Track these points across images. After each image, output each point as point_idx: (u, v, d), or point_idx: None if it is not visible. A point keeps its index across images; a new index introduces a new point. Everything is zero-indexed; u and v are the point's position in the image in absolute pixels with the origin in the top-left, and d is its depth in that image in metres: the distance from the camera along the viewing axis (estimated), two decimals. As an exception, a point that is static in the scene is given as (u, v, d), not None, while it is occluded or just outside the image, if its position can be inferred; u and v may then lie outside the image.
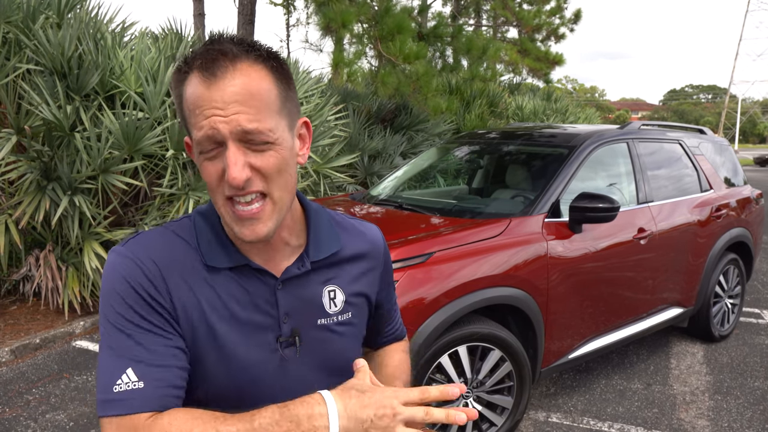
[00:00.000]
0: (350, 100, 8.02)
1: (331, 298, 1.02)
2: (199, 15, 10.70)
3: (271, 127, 0.83)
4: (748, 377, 3.72)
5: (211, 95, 0.81)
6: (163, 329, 0.88)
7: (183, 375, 0.88)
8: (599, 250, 3.14)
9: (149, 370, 0.84)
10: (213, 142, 0.82)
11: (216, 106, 0.80)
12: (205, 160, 0.85)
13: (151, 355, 0.85)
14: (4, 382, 3.55)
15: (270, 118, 0.83)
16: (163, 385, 0.84)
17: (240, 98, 0.81)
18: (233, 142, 0.82)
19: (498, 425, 2.78)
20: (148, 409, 0.82)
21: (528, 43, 10.52)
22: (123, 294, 0.87)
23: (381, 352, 1.24)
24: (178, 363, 0.88)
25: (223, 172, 0.83)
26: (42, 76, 4.41)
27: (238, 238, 0.92)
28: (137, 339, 0.86)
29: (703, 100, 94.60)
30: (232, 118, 0.80)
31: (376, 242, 1.12)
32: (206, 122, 0.81)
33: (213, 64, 0.81)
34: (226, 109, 0.80)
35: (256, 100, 0.82)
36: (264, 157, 0.84)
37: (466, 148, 4.29)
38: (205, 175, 0.86)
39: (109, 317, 0.87)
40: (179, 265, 0.92)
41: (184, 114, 0.87)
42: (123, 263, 0.89)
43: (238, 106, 0.81)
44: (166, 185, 4.70)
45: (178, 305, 0.90)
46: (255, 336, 0.95)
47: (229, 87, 0.80)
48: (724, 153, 4.60)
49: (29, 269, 4.54)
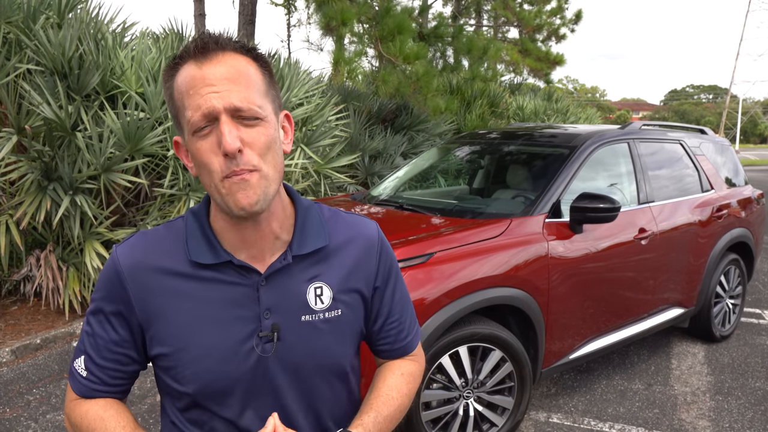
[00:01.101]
0: (351, 100, 8.02)
1: (318, 294, 1.01)
2: (200, 15, 10.71)
3: (260, 104, 0.89)
4: (749, 378, 3.72)
5: (203, 74, 0.87)
6: (116, 330, 0.98)
7: (119, 374, 1.01)
8: (600, 251, 3.14)
9: (92, 366, 0.99)
10: (207, 118, 0.87)
11: (209, 83, 0.86)
12: (199, 139, 0.89)
13: (98, 353, 0.99)
14: (5, 383, 3.55)
15: (258, 97, 0.90)
16: (96, 382, 1.00)
17: (230, 76, 0.87)
18: (226, 115, 0.86)
19: (499, 426, 2.78)
20: (81, 395, 1.01)
21: (529, 43, 10.52)
22: (99, 288, 0.99)
23: (380, 369, 1.17)
24: (116, 365, 1.00)
25: (216, 146, 0.87)
26: (43, 76, 4.41)
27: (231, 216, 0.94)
28: (95, 332, 0.99)
29: (704, 100, 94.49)
30: (225, 94, 0.86)
31: (369, 236, 1.09)
32: (201, 99, 0.86)
33: (204, 48, 0.88)
34: (219, 86, 0.86)
35: (244, 79, 0.88)
36: (253, 132, 0.89)
37: (467, 149, 4.28)
38: (200, 154, 0.89)
39: (91, 303, 1.01)
40: (162, 264, 0.97)
41: (176, 104, 0.91)
42: (109, 262, 0.99)
43: (229, 84, 0.87)
44: (167, 185, 4.70)
45: (148, 307, 0.96)
46: (235, 331, 0.96)
47: (220, 66, 0.87)
48: (725, 153, 4.59)
49: (30, 269, 4.54)
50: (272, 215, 0.98)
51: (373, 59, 8.86)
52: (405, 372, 1.14)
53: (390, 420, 1.07)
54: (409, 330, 1.16)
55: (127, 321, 0.98)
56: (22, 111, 4.32)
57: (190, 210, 1.02)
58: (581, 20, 11.31)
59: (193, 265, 0.96)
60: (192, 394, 0.97)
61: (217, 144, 0.87)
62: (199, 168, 0.91)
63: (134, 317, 0.97)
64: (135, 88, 4.75)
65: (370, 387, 1.13)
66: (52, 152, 4.34)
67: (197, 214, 1.01)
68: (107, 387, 1.01)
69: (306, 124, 6.22)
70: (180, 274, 0.96)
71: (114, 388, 1.01)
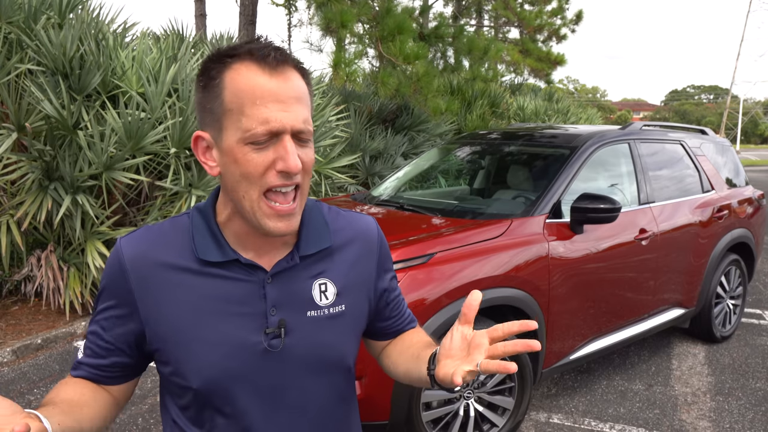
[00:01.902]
0: (351, 100, 8.02)
1: (322, 290, 1.03)
2: (201, 16, 10.71)
3: (311, 126, 0.91)
4: (749, 378, 3.72)
5: (276, 88, 0.86)
6: (117, 322, 0.98)
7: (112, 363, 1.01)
8: (600, 251, 3.14)
9: (89, 350, 1.01)
10: (269, 133, 0.86)
11: (280, 100, 0.86)
12: (253, 150, 0.87)
13: (97, 338, 1.00)
14: (6, 383, 3.56)
15: (310, 117, 0.91)
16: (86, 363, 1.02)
17: (297, 96, 0.88)
18: (289, 135, 0.87)
19: (499, 426, 2.78)
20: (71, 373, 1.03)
21: (529, 43, 10.52)
22: (106, 279, 0.99)
23: (399, 338, 1.21)
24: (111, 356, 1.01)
25: (270, 162, 0.87)
26: (44, 76, 4.42)
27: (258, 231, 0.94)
28: (96, 327, 1.00)
29: (704, 100, 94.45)
30: (293, 116, 0.87)
31: (369, 230, 1.12)
32: (270, 115, 0.85)
33: (270, 58, 0.87)
34: (288, 104, 0.86)
35: (305, 100, 0.90)
36: (306, 152, 0.91)
37: (468, 149, 4.29)
38: (250, 165, 0.87)
39: (97, 296, 1.02)
40: (167, 258, 0.97)
41: (226, 104, 0.87)
42: (112, 254, 0.99)
43: (297, 104, 0.87)
44: (169, 184, 4.70)
45: (152, 300, 0.96)
46: (241, 327, 0.97)
47: (289, 83, 0.87)
48: (726, 153, 4.59)
49: (31, 269, 4.55)
50: None
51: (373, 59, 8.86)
52: (420, 330, 1.24)
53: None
54: (407, 309, 1.25)
55: (127, 313, 0.97)
56: (22, 109, 4.33)
57: (196, 207, 1.03)
58: (582, 20, 11.31)
59: (199, 262, 0.97)
60: (195, 389, 0.97)
61: (273, 160, 0.87)
62: (238, 176, 0.89)
63: (136, 310, 0.97)
64: (136, 88, 4.76)
65: (406, 345, 1.17)
66: (53, 151, 4.34)
67: (203, 212, 1.01)
68: (95, 370, 1.01)
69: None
70: (185, 269, 0.97)
71: (102, 372, 1.02)
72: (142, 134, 4.44)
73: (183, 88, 4.90)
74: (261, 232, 0.94)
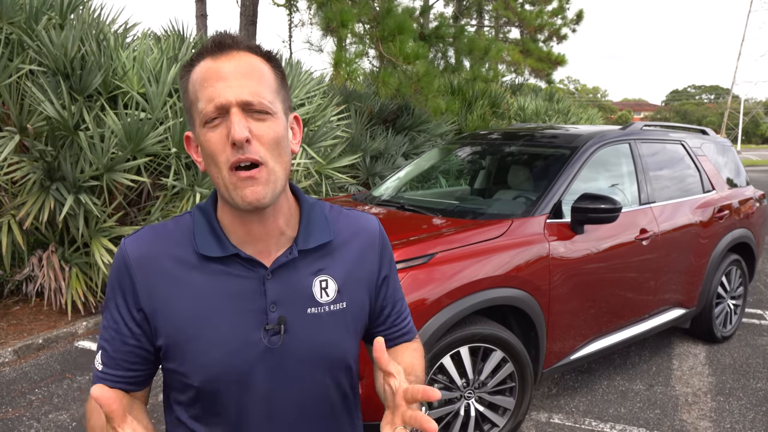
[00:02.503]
0: (352, 100, 8.02)
1: (323, 287, 1.03)
2: (202, 16, 10.72)
3: (270, 99, 0.93)
4: (750, 378, 3.72)
5: (218, 67, 0.90)
6: (127, 322, 0.99)
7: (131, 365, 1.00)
8: (601, 251, 3.14)
9: (107, 358, 1.00)
10: (219, 110, 0.89)
11: (223, 77, 0.90)
12: (209, 130, 0.91)
13: (111, 345, 1.00)
14: (7, 383, 3.56)
15: (268, 94, 0.93)
16: (109, 374, 1.00)
17: (243, 71, 0.91)
18: (237, 108, 0.89)
19: (500, 426, 2.78)
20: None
21: (530, 43, 10.52)
22: (111, 282, 1.00)
23: (391, 352, 1.18)
24: (129, 357, 1.00)
25: (226, 137, 0.90)
26: (45, 77, 4.42)
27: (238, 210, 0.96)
28: (109, 326, 1.00)
29: (705, 100, 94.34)
30: (237, 89, 0.89)
31: (371, 229, 1.12)
32: (214, 92, 0.89)
33: (221, 45, 0.92)
34: (231, 80, 0.89)
35: (257, 75, 0.92)
36: (263, 126, 0.91)
37: (468, 149, 4.29)
38: (209, 145, 0.91)
39: (105, 299, 1.02)
40: (169, 256, 0.99)
41: (189, 97, 0.94)
42: (117, 255, 1.01)
43: (242, 79, 0.90)
44: (169, 184, 4.71)
45: (156, 298, 0.97)
46: (241, 324, 0.97)
47: (234, 62, 0.91)
48: (727, 153, 4.59)
49: (32, 269, 4.56)
50: (278, 211, 1.00)
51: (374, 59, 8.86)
52: (416, 347, 1.20)
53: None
54: (410, 318, 1.22)
55: (135, 311, 0.98)
56: (24, 110, 4.33)
57: (197, 206, 1.05)
58: (582, 20, 11.30)
59: (201, 258, 0.98)
60: (197, 386, 0.97)
61: (227, 135, 0.89)
62: (207, 160, 0.93)
63: (142, 308, 0.98)
64: (137, 89, 4.76)
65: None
66: (55, 152, 4.35)
67: (204, 209, 1.03)
68: (119, 379, 1.00)
69: (307, 124, 6.23)
70: (187, 266, 0.98)
71: (127, 379, 1.00)
72: (143, 135, 4.45)
73: (184, 88, 4.90)
74: (239, 212, 0.96)
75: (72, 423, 3.09)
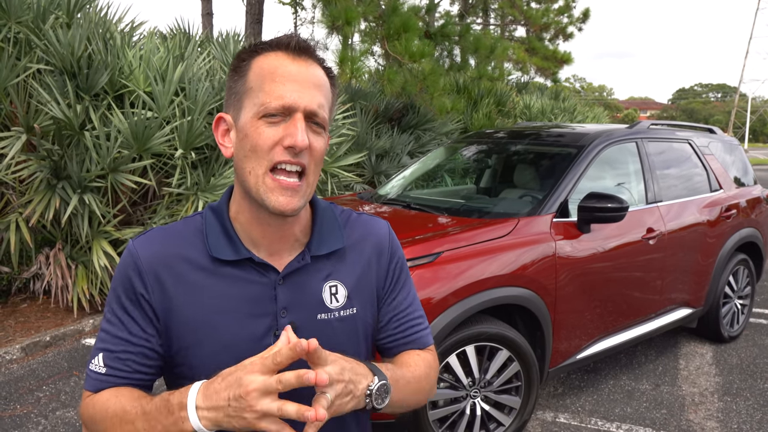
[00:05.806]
0: (358, 99, 8.02)
1: (333, 293, 1.02)
2: (208, 14, 10.75)
3: (328, 116, 0.97)
4: (757, 378, 3.70)
5: (296, 68, 0.92)
6: (137, 323, 0.96)
7: (139, 366, 0.97)
8: (608, 250, 3.13)
9: (111, 360, 0.96)
10: (284, 109, 0.90)
11: (298, 79, 0.91)
12: (265, 124, 0.91)
13: (116, 347, 0.96)
14: (15, 380, 3.59)
15: (328, 110, 0.97)
16: (114, 375, 0.96)
17: (316, 82, 0.93)
18: (302, 115, 0.91)
19: (506, 425, 2.78)
20: (96, 390, 0.96)
21: (536, 42, 10.49)
22: (116, 284, 0.98)
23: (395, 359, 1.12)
24: (137, 358, 0.97)
25: (279, 138, 0.90)
26: (52, 76, 4.44)
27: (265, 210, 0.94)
28: (115, 327, 0.97)
29: (712, 98, 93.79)
30: (308, 97, 0.91)
31: (381, 234, 1.11)
32: (285, 91, 0.90)
33: (305, 49, 0.94)
34: (305, 86, 0.91)
35: (325, 89, 0.95)
36: (317, 138, 0.94)
37: (474, 148, 4.28)
38: (260, 139, 0.91)
39: (108, 301, 1.00)
40: (180, 258, 0.97)
41: (248, 82, 0.93)
42: (125, 255, 0.99)
43: (314, 89, 0.92)
44: (174, 185, 4.72)
45: (166, 300, 0.96)
46: (252, 329, 0.97)
47: (311, 69, 0.94)
48: (734, 152, 4.57)
49: (39, 267, 4.58)
50: (297, 219, 1.01)
51: (379, 58, 8.85)
52: (421, 355, 1.12)
53: (407, 383, 1.03)
54: (421, 326, 1.15)
55: (145, 313, 0.97)
56: (31, 110, 4.36)
57: (209, 206, 1.03)
58: (588, 19, 11.27)
59: (213, 261, 0.97)
60: None
61: (282, 136, 0.90)
62: (246, 151, 0.92)
63: (152, 309, 0.97)
64: (143, 88, 4.78)
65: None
66: (61, 151, 4.37)
67: (217, 211, 1.02)
68: (126, 380, 0.97)
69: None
70: (198, 268, 0.97)
71: (132, 382, 0.97)
72: (149, 135, 4.46)
73: (190, 87, 4.92)
74: (264, 211, 0.94)
75: (79, 420, 3.11)
